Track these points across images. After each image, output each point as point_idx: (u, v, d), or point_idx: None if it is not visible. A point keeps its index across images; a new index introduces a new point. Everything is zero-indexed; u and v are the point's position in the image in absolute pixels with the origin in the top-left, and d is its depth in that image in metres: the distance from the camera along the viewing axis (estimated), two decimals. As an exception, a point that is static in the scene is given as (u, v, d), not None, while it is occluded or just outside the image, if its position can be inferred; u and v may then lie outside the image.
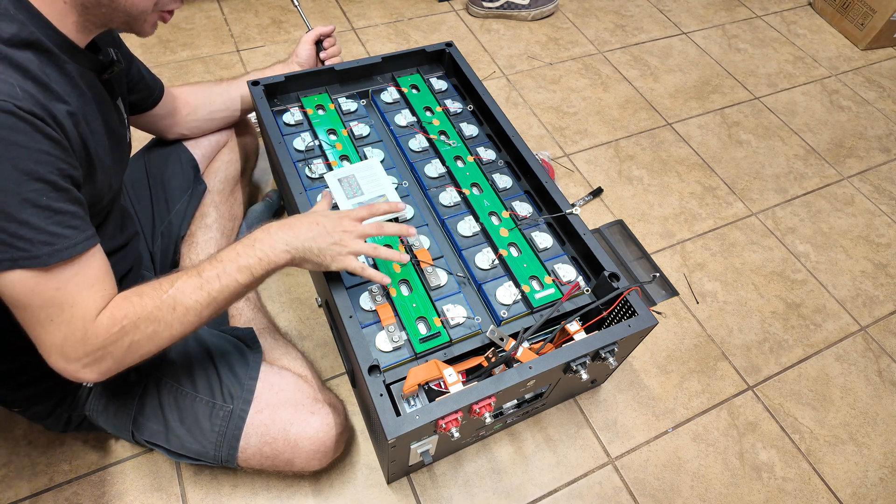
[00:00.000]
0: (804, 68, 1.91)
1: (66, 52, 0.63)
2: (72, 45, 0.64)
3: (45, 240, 0.55)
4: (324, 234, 0.74)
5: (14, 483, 0.92)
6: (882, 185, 1.59)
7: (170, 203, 1.02)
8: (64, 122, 0.58)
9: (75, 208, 0.59)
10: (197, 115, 1.05)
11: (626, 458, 1.05)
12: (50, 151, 0.55)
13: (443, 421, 0.74)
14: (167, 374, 0.82)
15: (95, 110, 0.69)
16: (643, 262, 1.33)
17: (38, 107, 0.55)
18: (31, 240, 0.54)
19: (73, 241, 0.57)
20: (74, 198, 0.59)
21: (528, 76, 1.73)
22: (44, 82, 0.57)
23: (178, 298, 0.65)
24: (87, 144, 0.64)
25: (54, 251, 0.56)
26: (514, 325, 0.89)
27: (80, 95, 0.65)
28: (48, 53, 0.60)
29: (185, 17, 1.74)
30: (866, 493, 1.05)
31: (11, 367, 0.74)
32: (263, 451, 0.82)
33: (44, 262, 0.55)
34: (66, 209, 0.57)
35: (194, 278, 0.67)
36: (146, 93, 0.94)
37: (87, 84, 0.68)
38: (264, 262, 0.71)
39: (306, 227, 0.74)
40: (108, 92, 0.75)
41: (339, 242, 0.75)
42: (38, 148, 0.54)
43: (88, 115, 0.66)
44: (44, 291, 0.57)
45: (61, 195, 0.56)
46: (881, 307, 1.33)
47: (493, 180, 1.05)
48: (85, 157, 0.64)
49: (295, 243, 0.73)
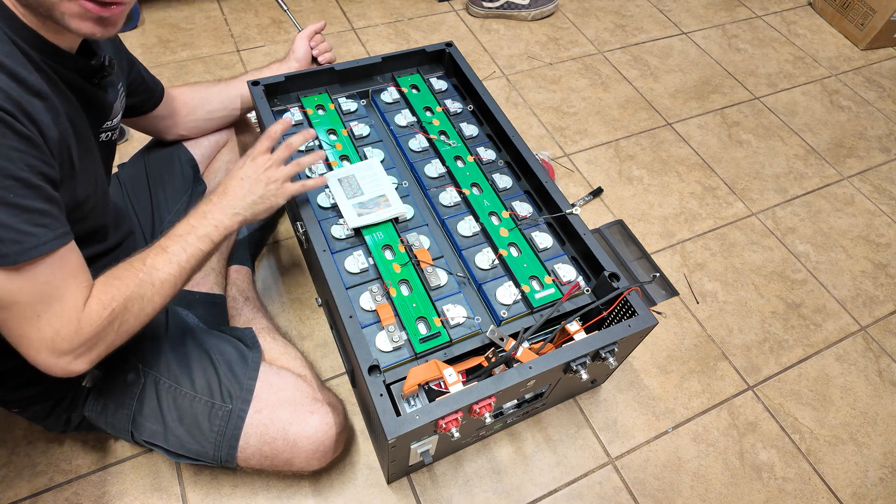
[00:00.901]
0: (804, 68, 1.91)
1: (43, 53, 0.62)
2: (52, 47, 0.63)
3: (14, 238, 0.55)
4: (254, 184, 0.80)
5: (14, 483, 0.92)
6: (882, 185, 1.59)
7: (170, 203, 1.02)
8: (39, 119, 0.57)
9: (47, 206, 0.58)
10: (195, 115, 1.05)
11: (626, 458, 1.05)
12: (20, 148, 0.54)
13: (443, 421, 0.74)
14: (166, 375, 0.82)
15: (80, 112, 0.69)
16: (643, 262, 1.33)
17: (10, 102, 0.54)
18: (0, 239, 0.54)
19: (42, 238, 0.57)
20: (47, 195, 0.58)
21: (528, 76, 1.73)
22: (21, 77, 0.56)
23: (154, 274, 0.69)
24: (67, 143, 0.63)
25: (23, 249, 0.55)
26: (514, 325, 0.89)
27: (61, 94, 0.64)
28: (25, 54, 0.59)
29: (185, 17, 1.74)
30: (866, 493, 1.05)
31: (9, 368, 0.74)
32: (263, 451, 0.82)
33: (12, 260, 0.55)
34: (36, 207, 0.56)
35: (161, 254, 0.71)
36: (146, 95, 0.94)
37: (72, 86, 0.67)
38: (220, 229, 0.76)
39: (238, 187, 0.79)
40: (101, 95, 0.74)
41: (269, 181, 0.81)
42: (8, 144, 0.53)
43: (72, 114, 0.66)
44: (27, 289, 0.57)
45: (32, 192, 0.56)
46: (881, 307, 1.33)
47: (493, 180, 1.05)
48: (66, 155, 0.63)
49: (239, 205, 0.78)
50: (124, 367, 0.82)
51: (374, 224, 0.95)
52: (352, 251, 0.93)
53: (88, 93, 0.71)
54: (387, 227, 0.96)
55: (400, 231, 0.96)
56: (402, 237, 0.95)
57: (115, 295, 0.64)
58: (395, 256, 0.92)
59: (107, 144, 0.80)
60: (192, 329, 0.88)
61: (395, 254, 0.93)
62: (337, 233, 0.94)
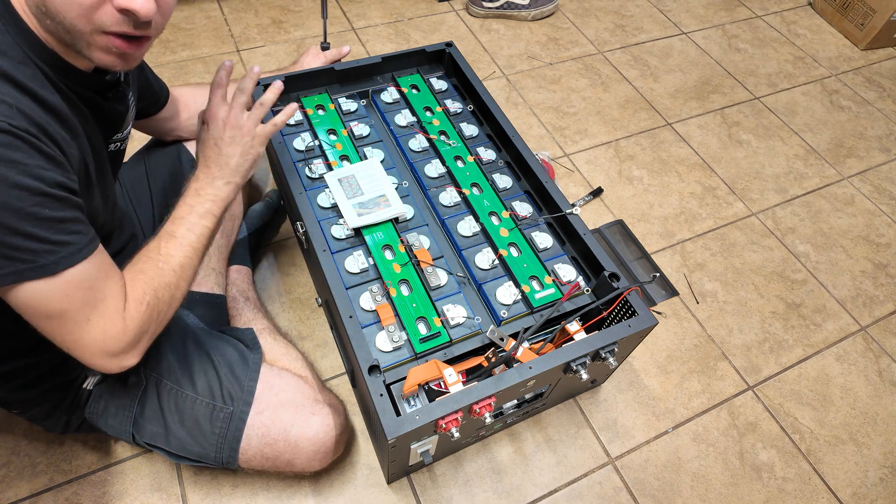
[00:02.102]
0: (804, 68, 1.91)
1: (61, 73, 0.62)
2: (70, 68, 0.63)
3: (51, 249, 0.56)
4: (231, 142, 0.79)
5: (14, 483, 0.92)
6: (882, 185, 1.59)
7: (170, 203, 1.02)
8: (60, 138, 0.58)
9: (77, 214, 0.59)
10: (196, 119, 1.05)
11: (626, 458, 1.05)
12: (46, 167, 0.55)
13: (443, 421, 0.74)
14: (167, 376, 0.82)
15: (95, 127, 0.70)
16: (643, 262, 1.33)
17: (33, 125, 0.55)
18: (36, 251, 0.55)
19: (79, 245, 0.59)
20: (74, 204, 0.59)
21: (528, 76, 1.73)
22: (43, 99, 0.57)
23: (172, 261, 0.70)
24: (85, 160, 0.65)
25: (61, 258, 0.57)
26: (514, 325, 0.89)
27: (78, 113, 0.65)
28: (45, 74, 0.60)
29: (185, 17, 1.74)
30: (866, 493, 1.05)
31: (9, 370, 0.74)
32: (264, 453, 0.82)
33: (53, 269, 0.56)
34: (67, 216, 0.58)
35: (171, 240, 0.72)
36: (152, 99, 0.95)
37: (88, 102, 0.68)
38: (217, 202, 0.77)
39: (217, 155, 0.79)
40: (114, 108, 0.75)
41: (241, 136, 0.79)
42: (37, 164, 0.54)
43: (88, 131, 0.67)
44: (75, 295, 0.59)
45: (61, 204, 0.57)
46: (881, 307, 1.33)
47: (493, 180, 1.05)
48: (84, 173, 0.64)
49: (226, 172, 0.78)
50: None
51: (374, 224, 0.95)
52: (352, 251, 0.93)
53: (102, 107, 0.71)
54: (387, 227, 0.96)
55: (400, 231, 0.96)
56: (402, 237, 0.95)
57: (146, 288, 0.66)
58: (395, 256, 0.92)
59: (115, 154, 0.80)
60: (192, 330, 0.88)
61: (395, 254, 0.93)
62: (337, 233, 0.94)
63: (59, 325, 0.60)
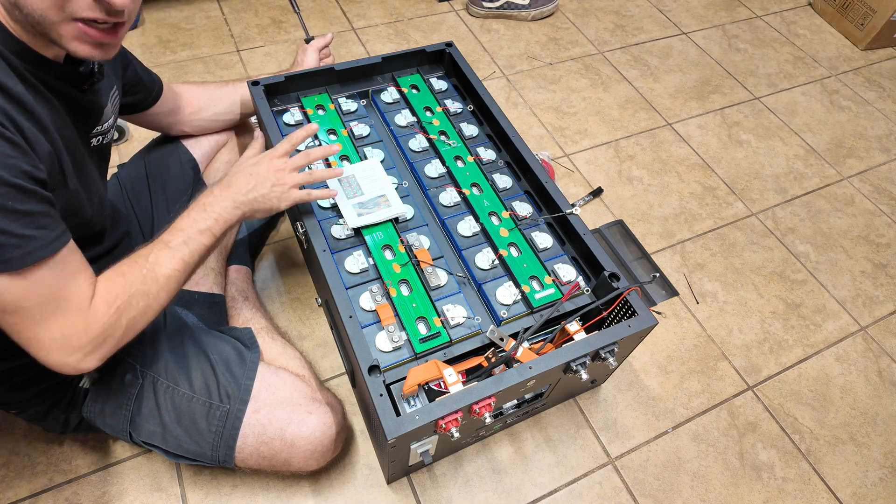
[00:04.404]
0: (804, 68, 1.91)
1: (29, 63, 0.61)
2: (38, 57, 0.62)
3: (17, 243, 0.55)
4: (262, 182, 0.79)
5: (14, 483, 0.92)
6: (882, 185, 1.59)
7: (169, 204, 1.02)
8: (24, 127, 0.57)
9: (44, 207, 0.58)
10: (201, 116, 1.05)
11: (626, 458, 1.05)
12: (12, 154, 0.54)
13: (443, 421, 0.74)
14: (163, 375, 0.82)
15: (67, 120, 0.68)
16: (643, 262, 1.33)
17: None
18: (1, 245, 0.54)
19: (44, 241, 0.57)
20: (42, 197, 0.58)
21: (528, 76, 1.73)
22: (6, 88, 0.56)
23: (158, 270, 0.69)
24: (56, 154, 0.63)
25: (27, 253, 0.56)
26: (514, 325, 0.89)
27: (46, 104, 0.64)
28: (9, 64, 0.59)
29: (186, 17, 1.74)
30: (866, 493, 1.05)
31: (6, 369, 0.74)
32: (260, 451, 0.82)
33: (18, 264, 0.55)
34: (34, 210, 0.56)
35: (165, 250, 0.70)
36: (144, 94, 0.94)
37: (59, 94, 0.66)
38: (220, 222, 0.76)
39: (244, 181, 0.79)
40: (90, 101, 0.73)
41: (277, 183, 0.80)
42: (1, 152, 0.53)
43: (59, 124, 0.65)
44: (33, 292, 0.57)
45: (28, 196, 0.56)
46: (881, 307, 1.33)
47: (493, 180, 1.05)
48: (56, 167, 0.63)
49: (240, 199, 0.78)
50: (122, 368, 0.82)
51: (374, 224, 0.95)
52: (352, 251, 0.93)
53: (77, 99, 0.70)
54: (387, 227, 0.96)
55: (400, 231, 0.96)
56: (402, 237, 0.95)
57: (120, 292, 0.65)
58: (395, 256, 0.92)
59: (99, 149, 0.79)
60: (190, 329, 0.88)
61: (395, 254, 0.93)
62: (337, 233, 0.94)
63: (15, 320, 0.58)
